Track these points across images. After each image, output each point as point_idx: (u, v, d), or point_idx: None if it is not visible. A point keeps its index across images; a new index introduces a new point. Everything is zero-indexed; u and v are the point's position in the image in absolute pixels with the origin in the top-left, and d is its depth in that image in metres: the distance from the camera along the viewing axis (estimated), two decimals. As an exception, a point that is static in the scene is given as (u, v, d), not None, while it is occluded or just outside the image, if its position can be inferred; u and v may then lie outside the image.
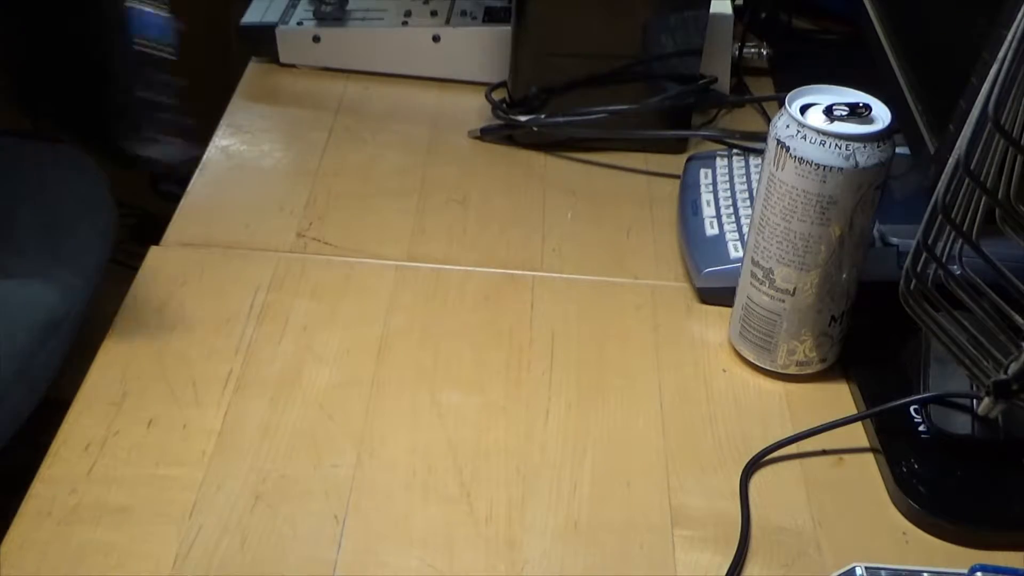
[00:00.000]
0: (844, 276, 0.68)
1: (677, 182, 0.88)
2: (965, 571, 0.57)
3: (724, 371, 0.73)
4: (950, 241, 0.61)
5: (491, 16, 1.00)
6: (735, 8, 0.99)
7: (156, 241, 0.79)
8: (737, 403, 0.70)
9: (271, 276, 0.77)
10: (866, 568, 0.57)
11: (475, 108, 0.97)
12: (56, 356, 0.86)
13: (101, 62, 0.79)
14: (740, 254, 0.75)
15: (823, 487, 0.65)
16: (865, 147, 0.63)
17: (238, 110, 0.95)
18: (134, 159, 0.83)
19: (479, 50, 0.99)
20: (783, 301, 0.69)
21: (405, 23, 1.00)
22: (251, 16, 1.02)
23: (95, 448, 0.63)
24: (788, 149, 0.64)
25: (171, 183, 1.48)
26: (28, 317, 0.84)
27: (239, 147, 0.90)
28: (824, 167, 0.63)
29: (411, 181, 0.88)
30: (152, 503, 0.60)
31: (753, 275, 0.70)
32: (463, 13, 1.01)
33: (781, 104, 0.66)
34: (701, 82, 0.94)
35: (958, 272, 0.62)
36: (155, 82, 0.79)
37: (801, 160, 0.64)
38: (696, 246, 0.80)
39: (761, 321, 0.70)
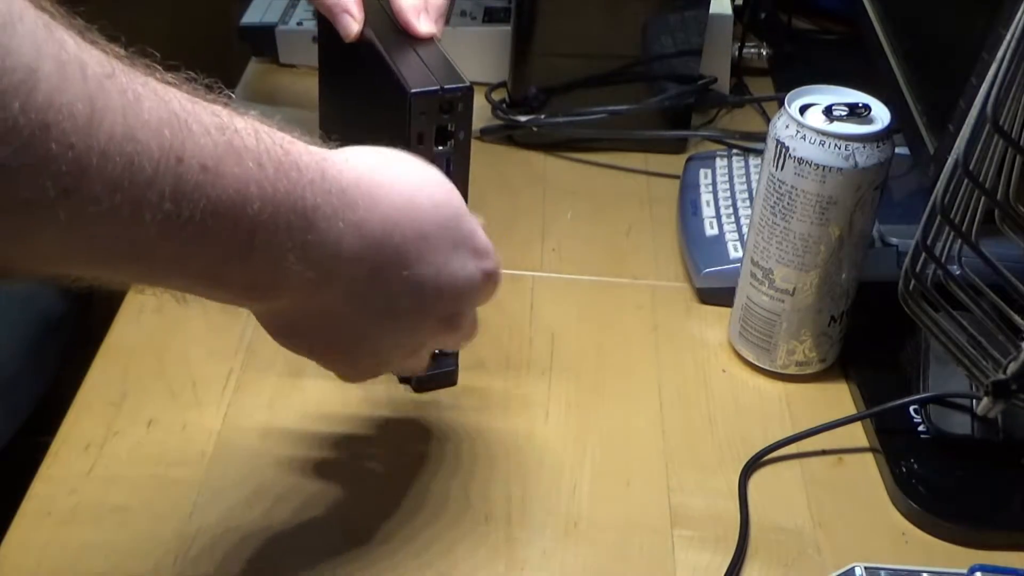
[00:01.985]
0: (844, 276, 0.68)
1: (677, 182, 0.88)
2: (965, 571, 0.57)
3: (724, 371, 0.73)
4: (949, 241, 0.61)
5: (491, 16, 1.00)
6: (735, 8, 0.99)
7: (156, 241, 0.79)
8: (737, 403, 0.70)
9: (271, 276, 0.76)
10: (866, 568, 0.57)
11: (475, 108, 0.96)
12: (56, 356, 0.86)
13: None
14: (740, 254, 0.75)
15: (823, 487, 0.65)
16: (864, 147, 0.63)
17: (238, 110, 0.95)
18: None
19: (479, 50, 0.99)
20: (783, 301, 0.69)
21: (405, 23, 1.00)
22: (251, 16, 1.02)
23: (95, 448, 0.63)
24: (788, 149, 0.64)
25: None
26: (28, 316, 0.85)
27: (239, 147, 0.90)
28: (823, 167, 0.64)
29: (411, 181, 0.88)
30: (152, 503, 0.60)
31: (753, 275, 0.70)
32: (463, 13, 1.01)
33: (781, 104, 0.66)
34: (701, 82, 0.94)
35: (957, 272, 0.62)
36: None
37: (800, 160, 0.64)
38: (696, 246, 0.80)
39: (761, 321, 0.70)
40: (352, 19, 0.66)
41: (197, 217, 0.40)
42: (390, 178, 0.50)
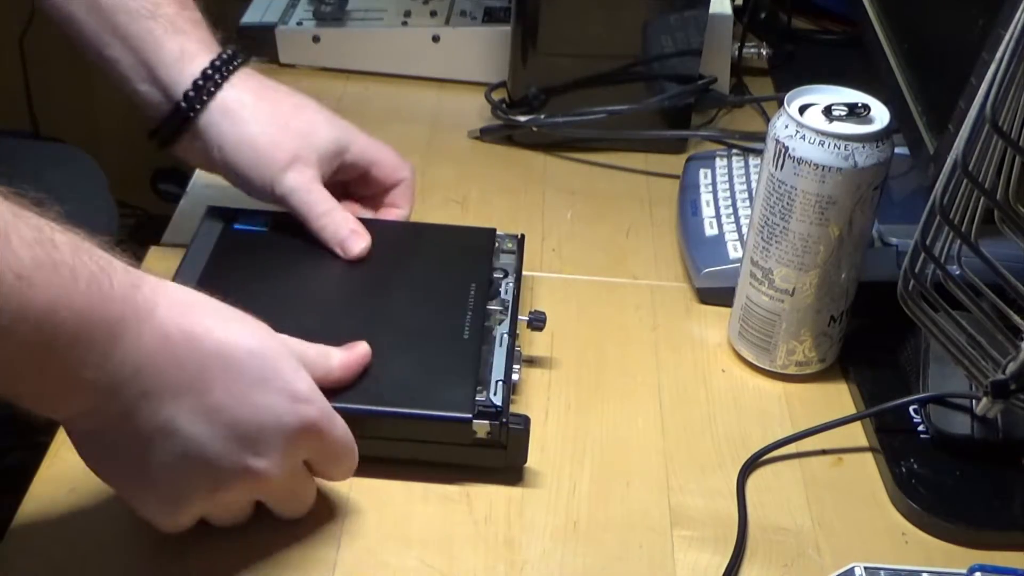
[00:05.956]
0: (843, 276, 0.68)
1: (677, 182, 0.88)
2: (964, 571, 0.57)
3: (723, 371, 0.73)
4: (948, 241, 0.61)
5: (491, 16, 1.00)
6: (735, 8, 0.99)
7: (156, 241, 0.79)
8: (736, 403, 0.70)
9: (271, 276, 0.76)
10: (865, 568, 0.57)
11: (475, 108, 0.97)
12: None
13: None
14: (739, 254, 0.75)
15: (822, 487, 0.65)
16: (864, 147, 0.63)
17: (238, 110, 0.95)
18: None
19: (479, 50, 0.99)
20: (782, 301, 0.69)
21: (405, 23, 1.00)
22: (251, 16, 1.02)
23: (95, 448, 0.62)
24: (787, 149, 0.64)
25: (171, 183, 1.48)
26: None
27: (239, 147, 0.90)
28: (823, 167, 0.64)
29: (411, 181, 0.88)
30: (152, 503, 0.60)
31: (752, 275, 0.70)
32: (463, 13, 1.01)
33: (781, 104, 0.66)
34: (701, 82, 0.94)
35: (956, 272, 0.62)
36: None
37: (800, 160, 0.64)
38: (695, 246, 0.80)
39: (760, 321, 0.70)
40: (361, 238, 0.71)
41: (3, 322, 0.43)
42: (203, 303, 0.52)
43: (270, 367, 0.52)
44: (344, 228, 0.71)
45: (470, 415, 0.60)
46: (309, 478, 0.57)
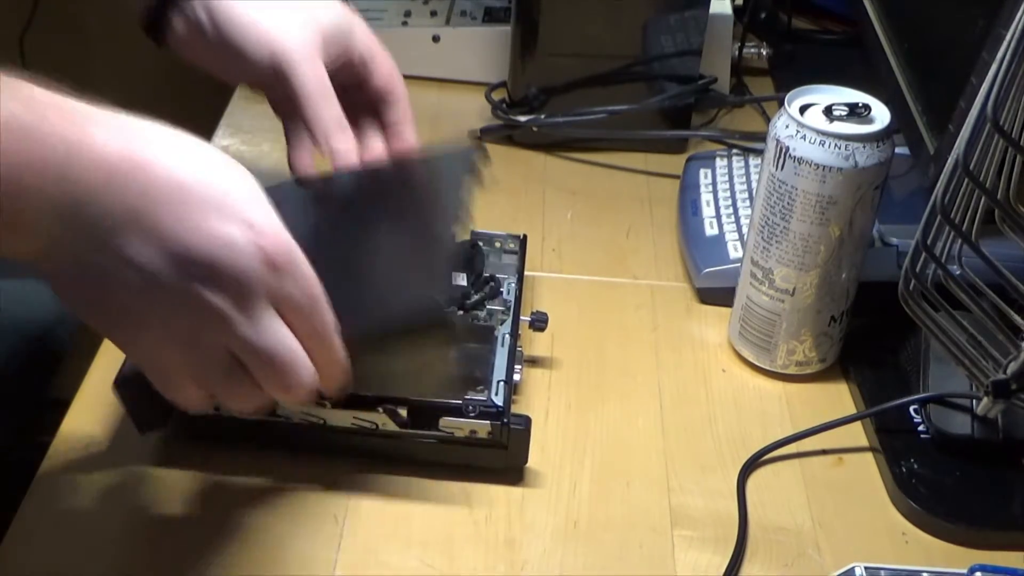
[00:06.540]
0: (844, 276, 0.68)
1: (677, 182, 0.88)
2: (965, 571, 0.57)
3: (723, 371, 0.73)
4: (949, 241, 0.61)
5: (491, 16, 1.00)
6: (735, 8, 0.99)
7: (156, 241, 0.79)
8: (736, 403, 0.70)
9: (271, 276, 0.76)
10: (866, 568, 0.57)
11: (475, 108, 0.97)
12: (56, 356, 0.86)
13: None
14: (740, 254, 0.75)
15: (822, 487, 0.65)
16: (864, 147, 0.63)
17: (238, 110, 0.95)
18: None
19: (479, 50, 0.99)
20: (783, 301, 0.69)
21: (405, 23, 1.00)
22: (251, 16, 1.02)
23: (95, 448, 0.62)
24: (787, 149, 0.64)
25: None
26: (29, 316, 0.85)
27: (239, 147, 0.90)
28: (823, 167, 0.64)
29: (411, 181, 0.88)
30: (153, 503, 0.60)
31: (753, 275, 0.70)
32: (463, 13, 1.01)
33: (781, 104, 0.66)
34: (701, 82, 0.94)
35: (957, 272, 0.62)
36: None
37: (800, 160, 0.64)
38: (696, 246, 0.80)
39: (761, 321, 0.70)
40: (351, 136, 0.65)
41: None
42: (146, 128, 0.48)
43: (222, 193, 0.48)
44: (341, 122, 0.64)
45: (444, 302, 0.58)
46: (289, 337, 0.51)
